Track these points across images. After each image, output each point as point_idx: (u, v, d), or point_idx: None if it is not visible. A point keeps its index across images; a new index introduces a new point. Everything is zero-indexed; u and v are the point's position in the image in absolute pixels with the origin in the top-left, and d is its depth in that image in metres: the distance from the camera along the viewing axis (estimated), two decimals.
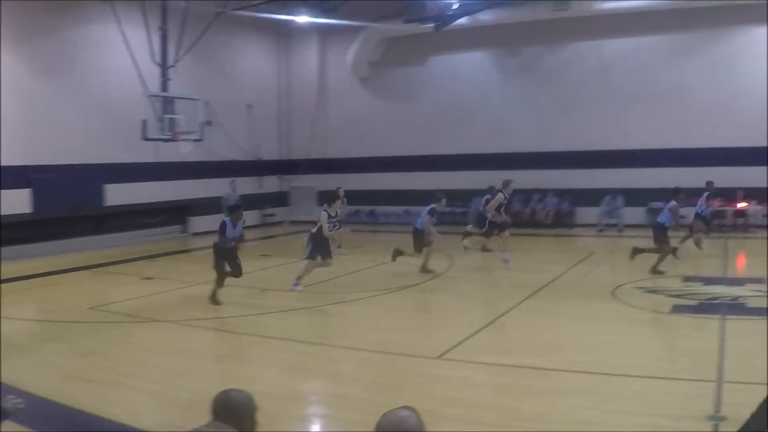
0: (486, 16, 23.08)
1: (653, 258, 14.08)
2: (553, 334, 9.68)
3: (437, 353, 8.50)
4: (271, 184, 27.83)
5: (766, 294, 11.36)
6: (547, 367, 7.89)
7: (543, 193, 24.06)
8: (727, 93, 21.49)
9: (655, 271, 13.86)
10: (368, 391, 7.39)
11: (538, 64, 24.69)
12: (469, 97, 25.20)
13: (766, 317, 9.71)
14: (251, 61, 27.16)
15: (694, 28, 22.20)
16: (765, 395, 4.49)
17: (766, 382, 6.91)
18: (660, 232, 14.23)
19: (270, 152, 27.57)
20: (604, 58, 23.55)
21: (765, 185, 20.53)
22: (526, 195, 23.70)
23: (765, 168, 20.42)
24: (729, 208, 21.32)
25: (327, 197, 14.43)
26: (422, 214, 14.74)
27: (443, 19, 22.37)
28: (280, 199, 28.22)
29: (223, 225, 11.68)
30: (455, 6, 21.87)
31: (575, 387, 7.18)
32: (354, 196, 20.90)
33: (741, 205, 21.18)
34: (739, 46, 21.79)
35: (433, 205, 14.71)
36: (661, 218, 14.40)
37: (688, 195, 16.12)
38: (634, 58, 23.14)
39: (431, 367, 8.12)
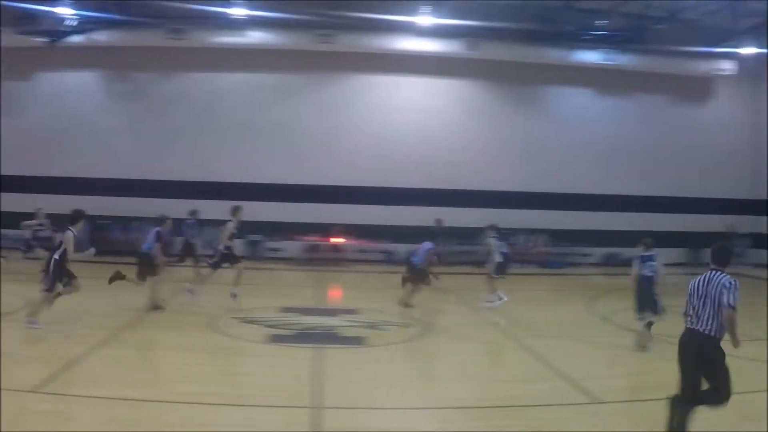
0: (101, 37, 22.02)
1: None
2: (153, 365, 9.47)
3: (31, 386, 7.73)
4: None
5: (358, 324, 12.64)
6: (150, 399, 7.63)
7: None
8: (330, 133, 23.54)
9: (405, 304, 14.56)
10: None
11: (148, 91, 24.01)
12: (74, 118, 23.38)
13: (357, 346, 10.84)
14: None
15: (302, 71, 24.04)
16: (361, 420, 4.89)
17: (363, 406, 7.80)
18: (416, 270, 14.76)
19: None
20: (215, 91, 23.98)
21: (360, 222, 22.73)
22: (125, 223, 22.32)
23: (368, 206, 22.97)
24: (324, 243, 23.04)
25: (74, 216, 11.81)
26: (150, 239, 13.57)
27: (59, 34, 21.01)
28: None
29: None
30: (72, 22, 20.73)
31: (181, 418, 7.07)
32: None
33: (336, 240, 23.04)
34: (342, 91, 24.18)
35: (158, 229, 13.69)
36: (415, 258, 14.89)
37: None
38: (243, 93, 24.02)
39: (25, 401, 7.33)
